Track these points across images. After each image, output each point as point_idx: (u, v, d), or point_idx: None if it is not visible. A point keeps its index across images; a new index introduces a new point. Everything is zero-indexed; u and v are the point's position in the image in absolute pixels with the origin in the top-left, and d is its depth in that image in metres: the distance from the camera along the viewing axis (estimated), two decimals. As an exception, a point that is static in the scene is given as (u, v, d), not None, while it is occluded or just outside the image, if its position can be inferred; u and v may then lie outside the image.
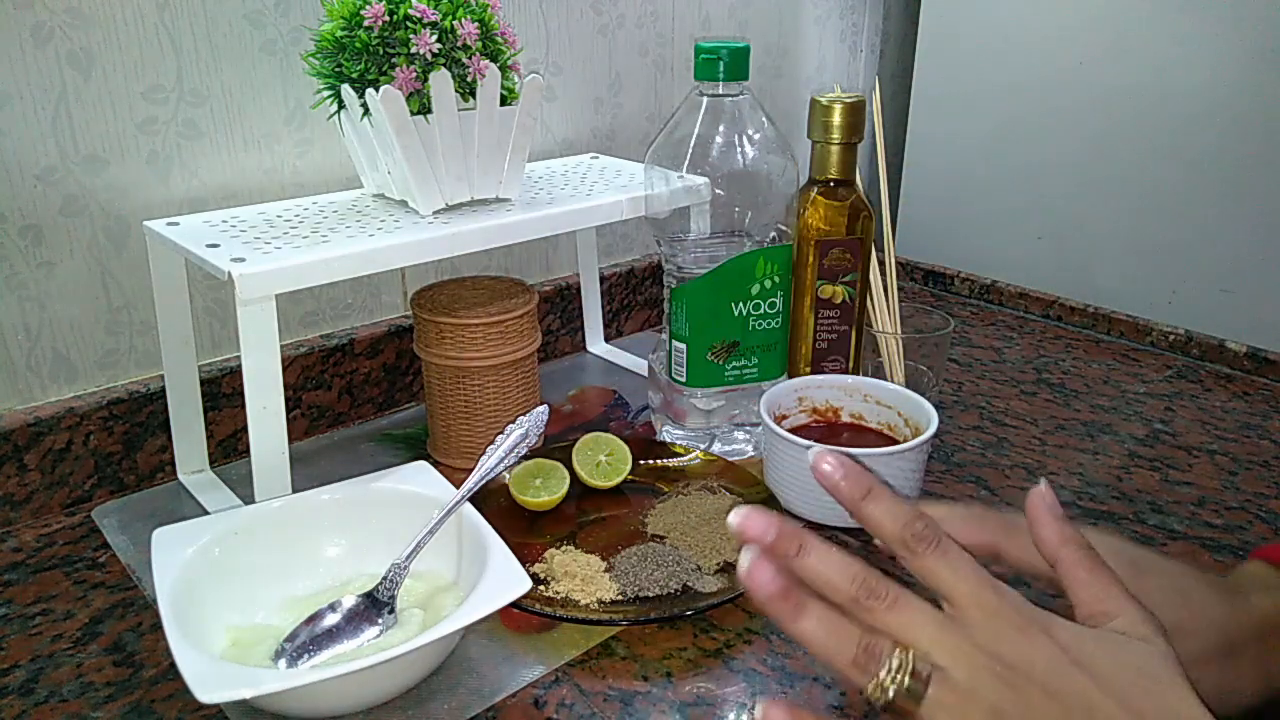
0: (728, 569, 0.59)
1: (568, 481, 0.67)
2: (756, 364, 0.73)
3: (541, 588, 0.57)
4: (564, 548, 0.61)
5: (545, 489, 0.66)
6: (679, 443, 0.74)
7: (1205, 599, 0.42)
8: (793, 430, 0.66)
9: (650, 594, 0.57)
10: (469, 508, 0.56)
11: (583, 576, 0.58)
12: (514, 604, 0.48)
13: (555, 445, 0.72)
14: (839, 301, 0.75)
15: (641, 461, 0.71)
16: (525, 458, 0.67)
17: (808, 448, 0.63)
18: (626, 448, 0.70)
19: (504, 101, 0.65)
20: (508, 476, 0.66)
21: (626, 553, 0.60)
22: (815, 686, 0.51)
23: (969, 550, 0.38)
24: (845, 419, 0.73)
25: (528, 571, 0.50)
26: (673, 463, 0.72)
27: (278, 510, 0.57)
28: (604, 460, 0.69)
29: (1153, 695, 0.33)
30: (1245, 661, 0.41)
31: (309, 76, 0.65)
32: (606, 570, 0.59)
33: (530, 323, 0.72)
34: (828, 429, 0.72)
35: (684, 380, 0.72)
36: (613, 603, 0.56)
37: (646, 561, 0.59)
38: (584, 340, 0.97)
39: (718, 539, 0.62)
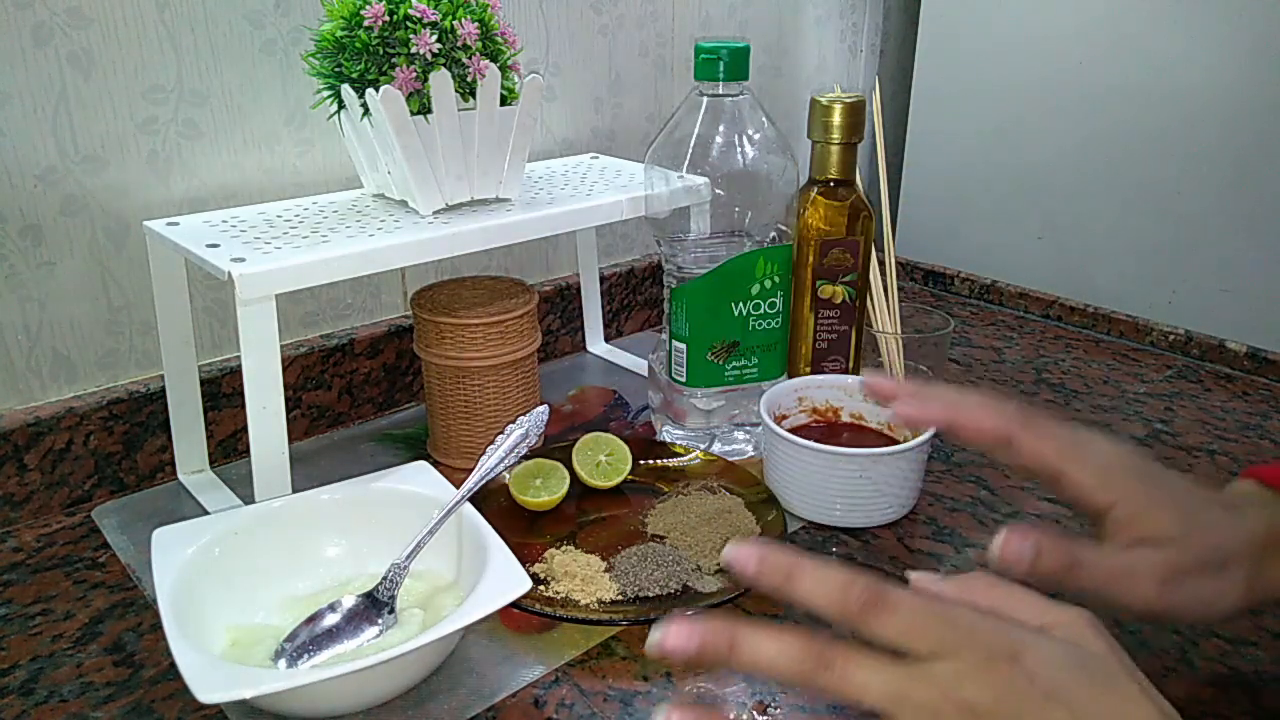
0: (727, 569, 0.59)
1: (568, 481, 0.66)
2: (756, 364, 0.73)
3: (541, 588, 0.57)
4: (564, 548, 0.61)
5: (545, 489, 0.66)
6: (679, 443, 0.74)
7: (1205, 514, 0.44)
8: (793, 430, 0.66)
9: (650, 594, 0.56)
10: (469, 508, 0.56)
11: (583, 576, 0.57)
12: (514, 604, 0.48)
13: (555, 445, 0.72)
14: (839, 301, 0.75)
15: (641, 461, 0.71)
16: (525, 458, 0.67)
17: (808, 448, 0.63)
18: (626, 448, 0.70)
19: (504, 101, 0.65)
20: (508, 476, 0.66)
21: (626, 553, 0.60)
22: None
23: (984, 435, 0.42)
24: (845, 419, 0.73)
25: (528, 571, 0.50)
26: (673, 463, 0.72)
27: (278, 510, 0.57)
28: (604, 460, 0.69)
29: (1119, 712, 0.33)
30: (1234, 573, 0.43)
31: (309, 76, 0.66)
32: (606, 570, 0.59)
33: (530, 323, 0.72)
34: (828, 429, 0.72)
35: (684, 380, 0.72)
36: (613, 603, 0.56)
37: (646, 561, 0.59)
38: (584, 340, 0.97)
39: (718, 539, 0.61)
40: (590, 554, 0.60)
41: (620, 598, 0.56)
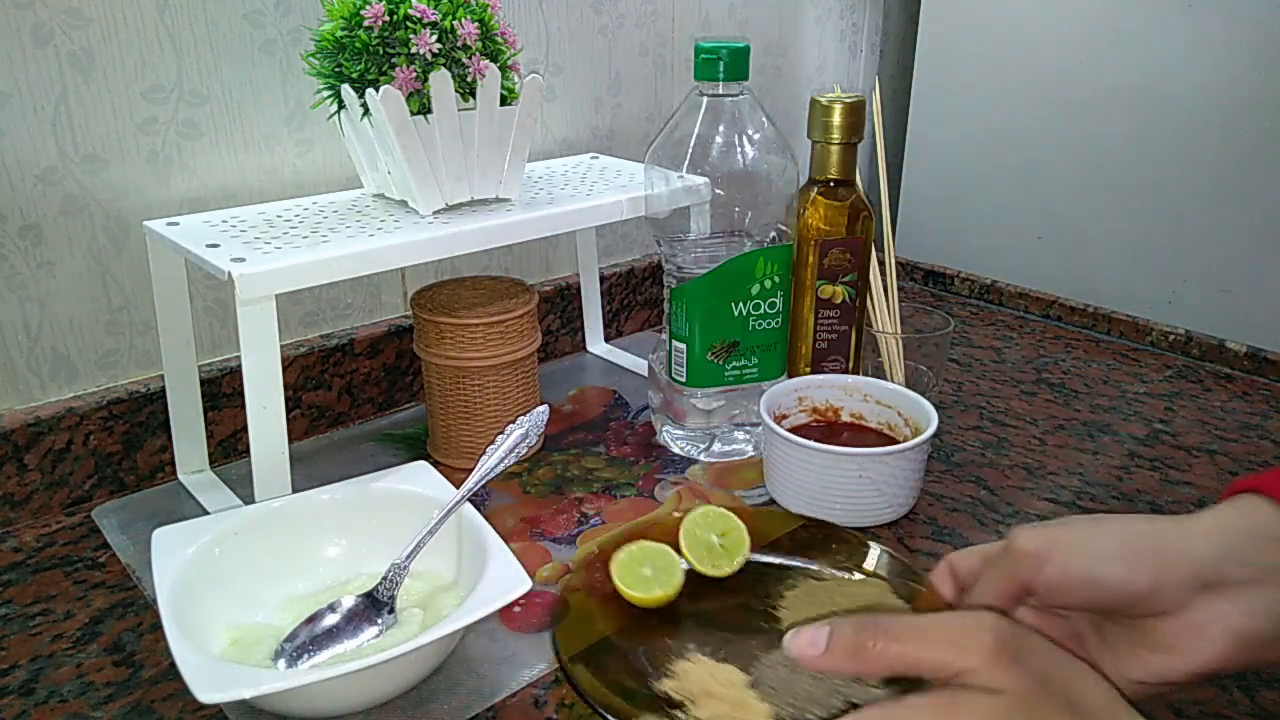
0: (898, 679, 0.44)
1: (682, 571, 0.55)
2: (756, 364, 0.73)
3: (680, 713, 0.46)
4: (692, 657, 0.50)
5: (658, 581, 0.54)
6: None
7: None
8: (793, 430, 0.66)
9: (812, 716, 0.45)
10: (469, 508, 0.56)
11: (728, 698, 0.46)
12: None
13: (647, 523, 0.63)
14: (839, 301, 0.75)
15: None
16: (620, 540, 0.56)
17: (808, 447, 0.63)
18: (742, 525, 0.58)
19: (504, 101, 0.65)
20: (615, 572, 0.54)
21: (768, 661, 0.49)
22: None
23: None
24: (845, 419, 0.73)
25: (657, 691, 0.45)
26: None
27: (278, 510, 0.57)
28: (717, 542, 0.57)
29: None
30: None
31: (309, 76, 0.66)
32: (751, 685, 0.47)
33: (530, 323, 0.72)
34: (828, 429, 0.72)
35: (684, 380, 0.72)
36: None
37: (799, 673, 0.47)
38: (584, 340, 0.97)
39: None
40: (724, 663, 0.49)
41: None
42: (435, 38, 0.60)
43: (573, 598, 0.54)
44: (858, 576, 0.56)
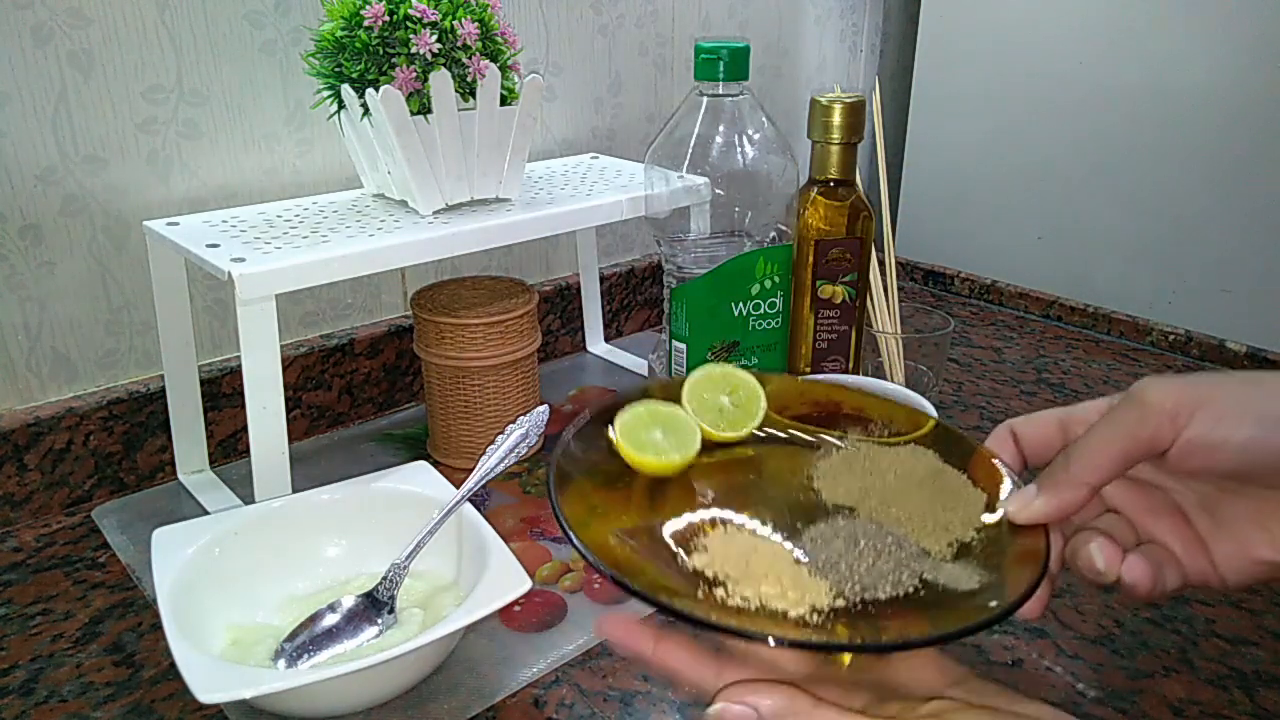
0: (967, 551, 0.39)
1: (699, 434, 0.46)
2: (756, 364, 0.73)
3: (720, 591, 0.36)
4: (724, 526, 0.41)
5: (672, 445, 0.45)
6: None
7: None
8: (793, 430, 0.66)
9: (883, 595, 0.36)
10: (469, 508, 0.55)
11: (776, 575, 0.37)
12: (694, 624, 0.32)
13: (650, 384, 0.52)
14: (839, 301, 0.75)
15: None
16: (621, 401, 0.46)
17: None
18: (755, 381, 0.49)
19: (504, 101, 0.65)
20: (613, 432, 0.44)
21: (815, 532, 0.40)
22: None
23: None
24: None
25: (688, 567, 0.37)
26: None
27: (278, 510, 0.57)
28: (728, 403, 0.49)
29: None
30: None
31: (309, 76, 0.66)
32: (798, 561, 0.39)
33: (530, 323, 0.72)
34: (828, 429, 0.72)
35: (684, 380, 0.72)
36: (831, 612, 0.35)
37: (856, 546, 0.39)
38: (584, 340, 0.97)
39: (939, 510, 0.41)
40: (765, 536, 0.41)
41: (842, 604, 0.36)
42: (435, 38, 0.60)
43: (570, 466, 0.43)
44: (899, 443, 0.46)
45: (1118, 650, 0.55)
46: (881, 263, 0.78)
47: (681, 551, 0.39)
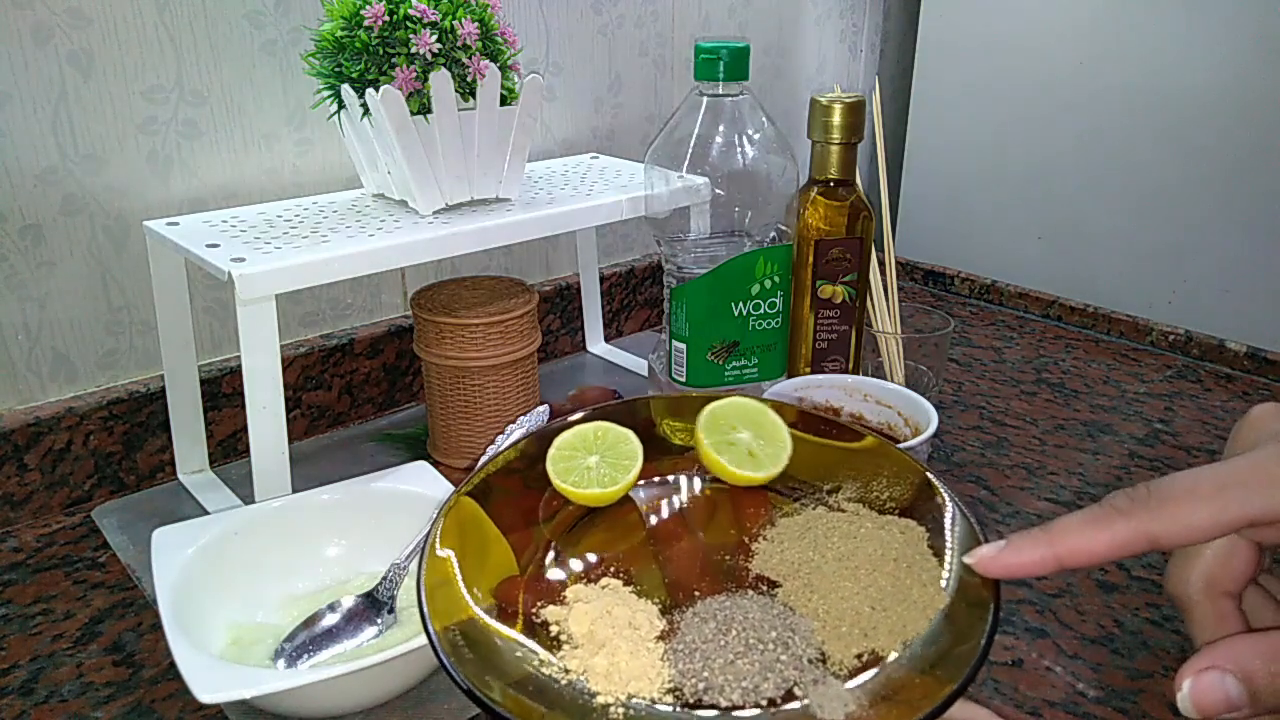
0: (874, 663, 0.33)
1: (640, 462, 0.42)
2: (756, 364, 0.73)
3: (541, 654, 0.33)
4: (604, 581, 0.37)
5: (606, 473, 0.40)
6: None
7: None
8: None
9: (726, 701, 0.31)
10: (469, 508, 0.55)
11: (620, 648, 0.33)
12: (478, 702, 0.30)
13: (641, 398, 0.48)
14: (839, 301, 0.75)
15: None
16: (595, 414, 0.43)
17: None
18: (784, 428, 0.44)
19: (504, 101, 0.65)
20: (551, 453, 0.42)
21: (702, 608, 0.35)
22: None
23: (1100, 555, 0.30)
24: (845, 419, 0.73)
25: (535, 620, 0.34)
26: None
27: (278, 510, 0.57)
28: (753, 444, 0.43)
29: None
30: None
31: (309, 76, 0.66)
32: (662, 636, 0.34)
33: (530, 323, 0.72)
34: (828, 429, 0.72)
35: (684, 380, 0.72)
36: (652, 704, 0.31)
37: (732, 632, 0.34)
38: (584, 340, 0.97)
39: (869, 598, 0.35)
40: (645, 597, 0.36)
41: (670, 701, 0.31)
42: (435, 38, 0.60)
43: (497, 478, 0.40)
44: (888, 520, 0.39)
45: (1118, 650, 0.55)
46: (881, 263, 0.78)
47: (541, 602, 0.36)
